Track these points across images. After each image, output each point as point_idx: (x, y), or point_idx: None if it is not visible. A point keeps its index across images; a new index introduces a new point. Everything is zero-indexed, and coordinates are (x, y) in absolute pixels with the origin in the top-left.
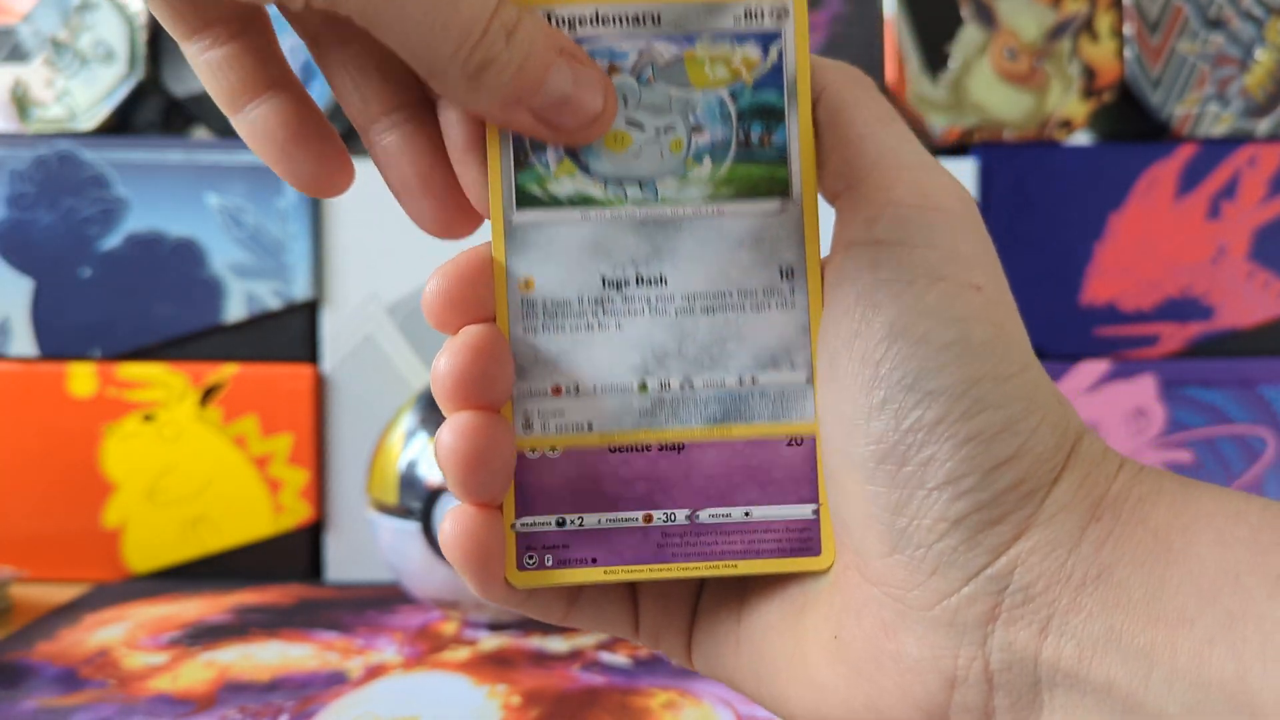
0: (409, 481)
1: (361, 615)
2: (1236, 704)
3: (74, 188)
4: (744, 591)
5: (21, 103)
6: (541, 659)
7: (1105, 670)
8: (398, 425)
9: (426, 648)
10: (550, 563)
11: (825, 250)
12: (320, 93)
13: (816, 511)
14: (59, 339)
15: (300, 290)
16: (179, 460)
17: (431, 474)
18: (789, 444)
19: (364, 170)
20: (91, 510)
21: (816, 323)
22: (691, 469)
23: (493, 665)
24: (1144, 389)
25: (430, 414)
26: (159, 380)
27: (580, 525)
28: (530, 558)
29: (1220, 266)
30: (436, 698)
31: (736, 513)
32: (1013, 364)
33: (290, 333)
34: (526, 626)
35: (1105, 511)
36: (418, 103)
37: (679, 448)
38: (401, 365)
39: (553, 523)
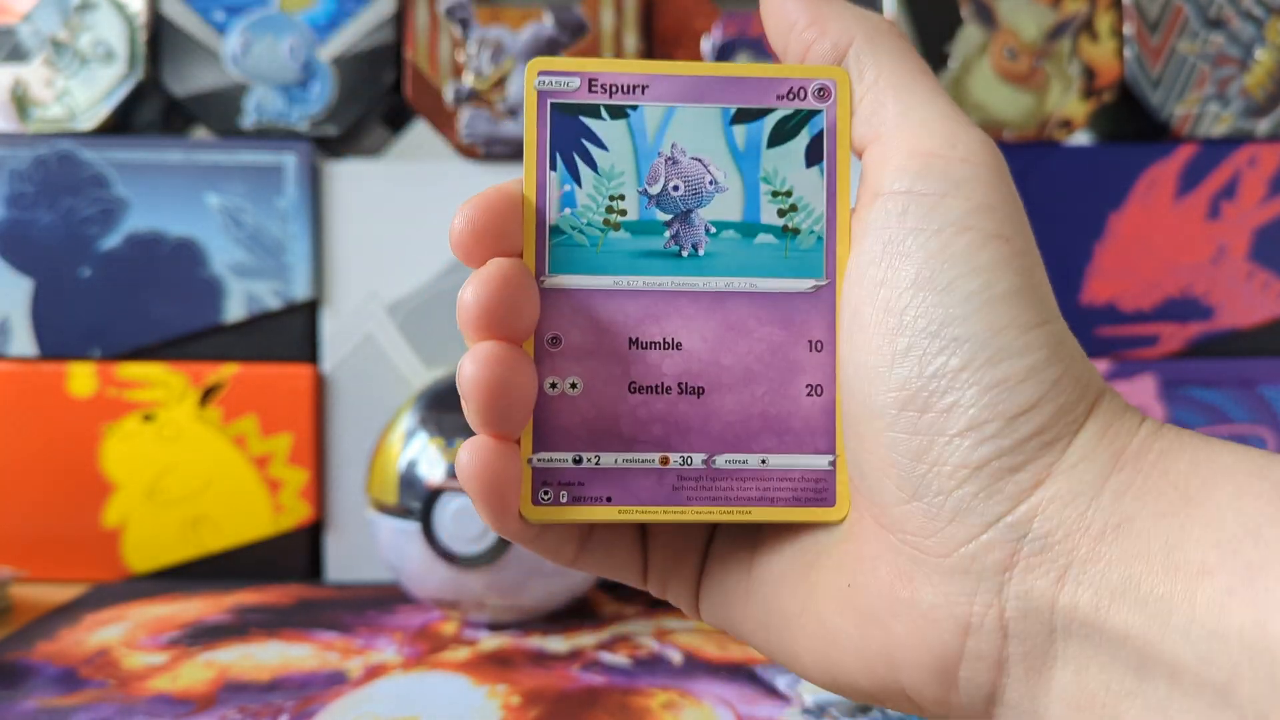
0: (409, 481)
1: (361, 615)
2: (1255, 653)
3: (74, 187)
4: (755, 542)
5: (21, 102)
6: (541, 659)
7: (1122, 619)
8: (398, 425)
9: (426, 648)
10: (565, 499)
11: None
12: (322, 92)
13: (833, 463)
14: (59, 339)
15: (300, 290)
16: (179, 460)
17: (431, 474)
18: (808, 393)
19: (364, 170)
20: (91, 510)
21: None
22: (710, 415)
23: (493, 665)
24: (1144, 389)
25: (430, 413)
26: (159, 380)
27: (596, 464)
28: (545, 493)
29: (1220, 266)
30: (436, 698)
31: (753, 460)
32: (1037, 315)
33: (290, 333)
34: (526, 626)
35: (1127, 463)
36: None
37: (699, 391)
38: (401, 365)
39: (570, 459)
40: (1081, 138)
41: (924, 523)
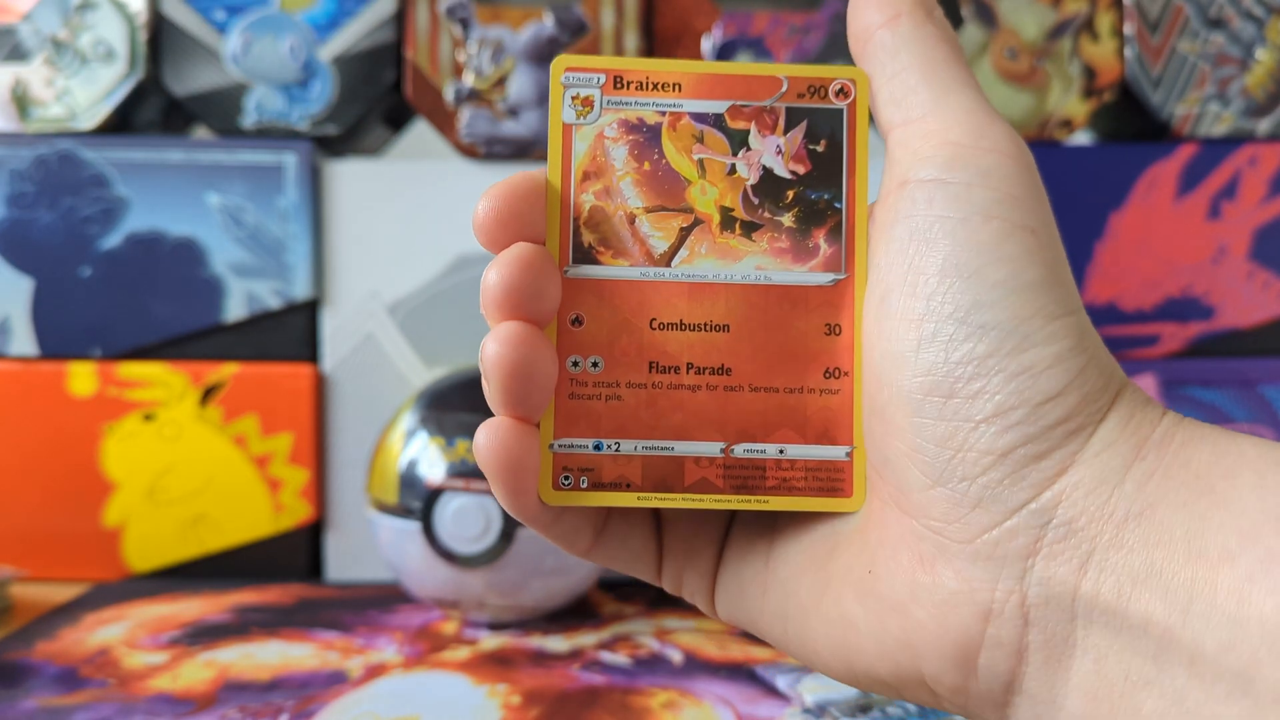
0: (409, 481)
1: (361, 615)
2: (1275, 640)
3: (74, 187)
4: (772, 535)
5: (21, 102)
6: (541, 658)
7: (1144, 605)
8: (398, 425)
9: (426, 647)
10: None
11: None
12: (322, 91)
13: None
14: (59, 338)
15: (300, 290)
16: (179, 460)
17: (432, 473)
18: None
19: (364, 170)
20: (91, 510)
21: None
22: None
23: (493, 665)
24: (1144, 389)
25: (430, 413)
26: (159, 380)
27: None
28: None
29: (1220, 266)
30: (436, 697)
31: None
32: (1063, 305)
33: (290, 332)
34: (526, 626)
35: (1149, 452)
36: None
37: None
38: (402, 365)
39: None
40: (1082, 137)
41: (948, 508)
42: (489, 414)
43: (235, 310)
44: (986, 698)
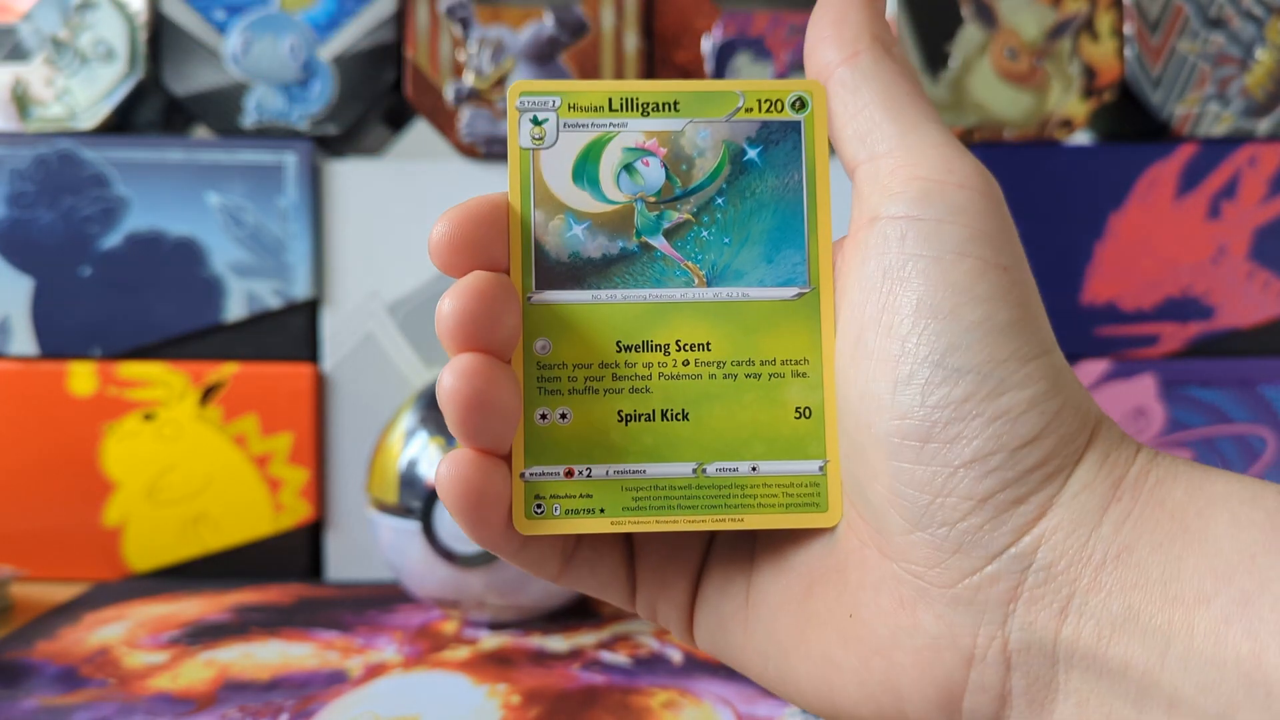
0: (409, 481)
1: (361, 614)
2: (1252, 682)
3: (74, 187)
4: (749, 568)
5: (22, 101)
6: (541, 658)
7: (1123, 650)
8: (398, 424)
9: (426, 647)
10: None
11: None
12: (323, 91)
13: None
14: (59, 338)
15: (300, 289)
16: (179, 459)
17: (432, 473)
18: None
19: (364, 169)
20: (91, 509)
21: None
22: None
23: (493, 664)
24: (1144, 389)
25: (430, 413)
26: (159, 379)
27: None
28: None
29: (1220, 266)
30: (436, 697)
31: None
32: (1037, 346)
33: (290, 332)
34: (526, 626)
35: (1125, 492)
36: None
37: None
38: (402, 364)
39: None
40: (1082, 137)
41: (928, 553)
42: None
43: (235, 310)
44: None
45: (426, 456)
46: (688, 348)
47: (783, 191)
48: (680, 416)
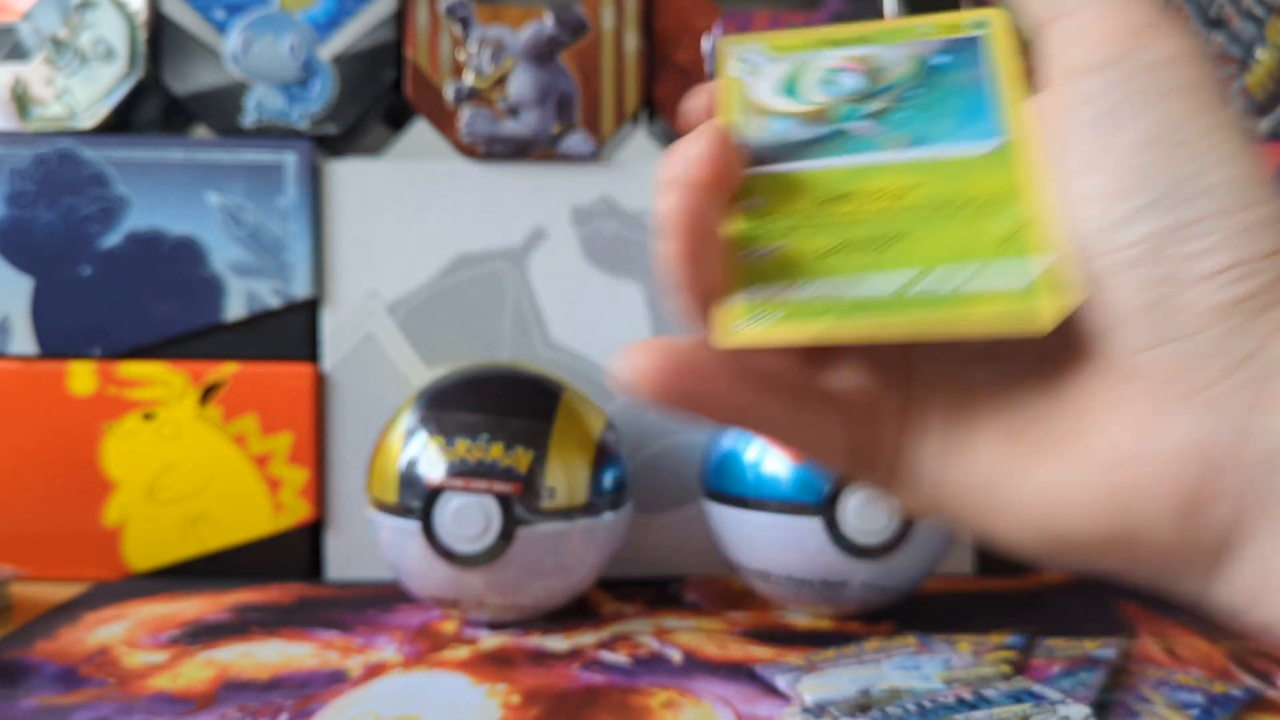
0: (409, 480)
1: (361, 614)
2: None
3: (74, 186)
4: (964, 402)
5: (21, 101)
6: (541, 658)
7: None
8: (398, 424)
9: (426, 647)
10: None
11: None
12: (322, 90)
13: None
14: (59, 338)
15: (300, 289)
16: (179, 459)
17: (431, 473)
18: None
19: (364, 169)
20: (91, 509)
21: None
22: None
23: (492, 664)
24: None
25: (430, 412)
26: (159, 379)
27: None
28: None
29: None
30: (436, 697)
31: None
32: (1263, 170)
33: (290, 331)
34: (526, 626)
35: None
36: None
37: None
38: (401, 364)
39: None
40: None
41: (1169, 367)
42: (489, 413)
43: (235, 309)
44: (1198, 558)
45: (426, 456)
46: (891, 195)
47: (974, 78)
48: (886, 245)
